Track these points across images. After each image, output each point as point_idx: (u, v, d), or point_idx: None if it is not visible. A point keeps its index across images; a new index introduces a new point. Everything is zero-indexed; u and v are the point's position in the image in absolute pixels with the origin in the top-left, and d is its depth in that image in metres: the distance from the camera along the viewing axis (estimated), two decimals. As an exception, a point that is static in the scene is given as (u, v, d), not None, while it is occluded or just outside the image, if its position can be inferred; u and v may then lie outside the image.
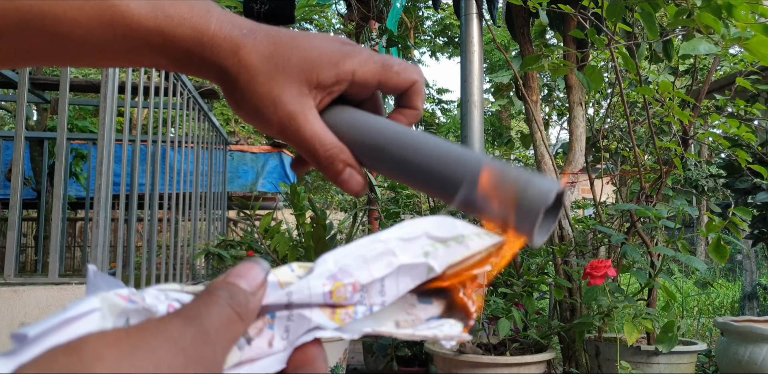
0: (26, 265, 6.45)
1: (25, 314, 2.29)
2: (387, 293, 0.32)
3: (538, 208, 0.34)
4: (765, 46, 1.90)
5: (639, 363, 2.31)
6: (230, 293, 0.26)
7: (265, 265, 0.29)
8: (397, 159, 0.40)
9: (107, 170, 2.41)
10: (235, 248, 4.20)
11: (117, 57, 0.40)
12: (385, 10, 4.77)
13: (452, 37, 14.02)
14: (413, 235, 0.33)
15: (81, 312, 0.24)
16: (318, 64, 0.39)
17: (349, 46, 0.41)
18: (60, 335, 0.23)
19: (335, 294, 0.30)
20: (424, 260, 0.32)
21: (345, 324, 0.30)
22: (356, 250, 0.31)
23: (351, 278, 0.30)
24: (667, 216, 2.36)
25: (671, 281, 2.57)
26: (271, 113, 0.39)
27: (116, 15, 0.37)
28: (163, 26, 0.38)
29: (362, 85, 0.41)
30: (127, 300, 0.26)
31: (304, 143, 0.40)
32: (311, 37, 0.41)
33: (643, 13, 2.26)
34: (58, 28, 0.37)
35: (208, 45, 0.39)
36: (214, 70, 0.40)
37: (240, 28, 0.39)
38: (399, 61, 0.42)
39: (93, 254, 2.37)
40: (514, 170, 0.36)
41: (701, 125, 2.99)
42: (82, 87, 4.49)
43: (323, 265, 0.30)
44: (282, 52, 0.39)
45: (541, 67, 2.46)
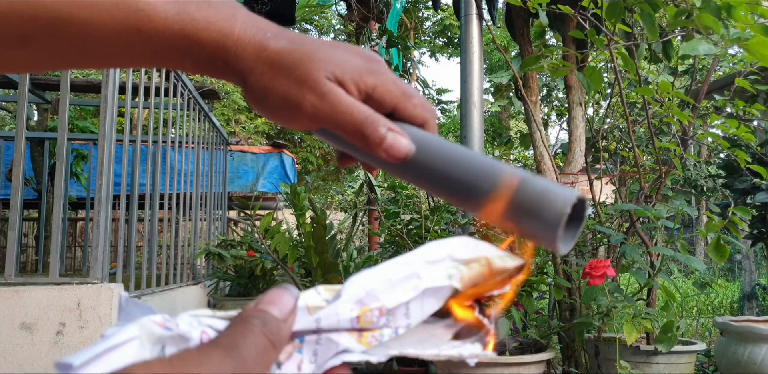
0: (27, 265, 6.45)
1: (25, 314, 2.30)
2: (412, 315, 0.32)
3: (559, 216, 0.34)
4: (764, 46, 1.90)
5: (638, 362, 2.32)
6: (263, 321, 0.27)
7: (295, 291, 0.30)
8: (426, 166, 0.40)
9: (108, 171, 2.41)
10: (236, 248, 4.21)
11: (142, 59, 0.41)
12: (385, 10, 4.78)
13: (452, 37, 14.02)
14: (437, 257, 0.33)
15: (121, 341, 0.25)
16: (343, 65, 0.39)
17: (376, 62, 0.41)
18: (103, 364, 0.24)
19: (362, 319, 0.30)
20: (448, 283, 0.33)
21: (371, 347, 0.31)
22: (383, 273, 0.32)
23: (378, 303, 0.31)
24: (666, 216, 2.36)
25: (670, 281, 2.57)
26: (301, 96, 0.39)
27: (143, 18, 0.38)
28: (189, 30, 0.38)
29: (379, 103, 0.41)
30: (163, 327, 0.27)
31: (342, 115, 0.39)
32: (338, 47, 0.41)
33: (642, 13, 2.26)
34: (87, 32, 0.38)
35: (232, 49, 0.39)
36: (238, 72, 0.40)
37: (264, 32, 0.40)
38: (419, 95, 0.42)
39: (94, 254, 2.38)
40: (536, 180, 0.37)
41: (700, 126, 3.00)
42: (82, 87, 4.49)
43: (350, 289, 0.31)
44: (306, 50, 0.39)
45: (541, 68, 2.47)
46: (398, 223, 3.65)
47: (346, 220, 5.06)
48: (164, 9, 0.38)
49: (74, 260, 7.11)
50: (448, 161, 0.39)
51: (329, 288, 0.32)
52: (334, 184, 14.37)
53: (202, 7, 0.39)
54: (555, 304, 2.80)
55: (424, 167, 0.40)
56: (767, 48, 1.91)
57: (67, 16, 0.37)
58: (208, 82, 8.75)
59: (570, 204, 0.35)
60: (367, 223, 5.00)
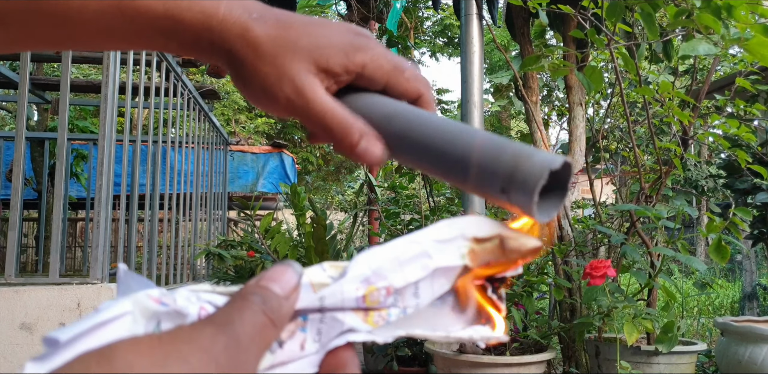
0: (27, 265, 6.45)
1: (25, 314, 2.30)
2: (421, 295, 0.31)
3: (536, 180, 0.32)
4: (764, 46, 1.90)
5: (639, 363, 2.32)
6: (263, 298, 0.26)
7: (298, 268, 0.28)
8: (408, 138, 0.38)
9: (108, 171, 2.41)
10: (236, 249, 4.21)
11: (125, 40, 0.40)
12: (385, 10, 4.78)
13: (452, 37, 14.02)
14: (449, 236, 0.32)
15: (113, 316, 0.24)
16: (327, 51, 0.38)
17: (364, 38, 0.40)
18: (92, 339, 0.23)
19: (368, 298, 0.29)
20: (461, 262, 0.32)
21: (378, 327, 0.30)
22: (391, 252, 0.30)
23: (385, 282, 0.30)
24: (666, 216, 2.36)
25: (671, 281, 2.57)
26: (278, 89, 0.38)
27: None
28: (172, 10, 0.38)
29: (369, 81, 0.40)
30: (159, 302, 0.26)
31: (315, 115, 0.38)
32: (324, 25, 0.40)
33: (642, 13, 2.26)
34: (67, 12, 0.37)
35: (217, 29, 0.38)
36: (223, 53, 0.39)
37: (250, 12, 0.39)
38: (413, 69, 0.41)
39: (94, 254, 2.38)
40: (514, 144, 0.35)
41: (701, 126, 3.00)
42: (82, 87, 4.49)
43: (356, 267, 0.30)
44: (292, 35, 0.39)
45: (541, 68, 2.46)
46: (398, 223, 3.65)
47: (346, 220, 5.05)
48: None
49: (74, 260, 7.11)
50: (429, 131, 0.37)
51: (335, 264, 0.31)
52: (334, 184, 14.38)
53: None
54: (555, 304, 2.80)
55: (407, 139, 0.38)
56: (767, 48, 1.91)
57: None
58: (208, 82, 8.75)
59: (548, 168, 0.32)
60: (367, 223, 4.99)
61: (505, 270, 0.33)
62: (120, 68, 2.75)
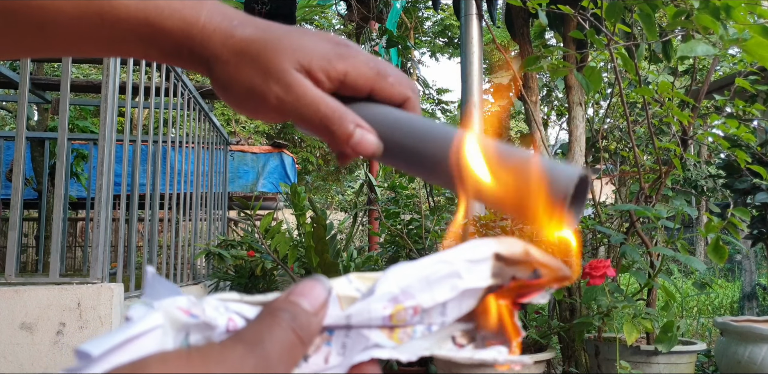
0: (27, 265, 6.45)
1: (25, 314, 2.30)
2: (448, 314, 0.31)
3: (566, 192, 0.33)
4: (763, 47, 1.90)
5: (638, 362, 2.32)
6: (293, 315, 0.26)
7: (327, 283, 0.28)
8: (405, 147, 0.38)
9: (108, 170, 2.41)
10: (236, 248, 4.21)
11: (106, 47, 0.39)
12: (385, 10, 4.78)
13: (452, 37, 14.02)
14: (481, 256, 0.31)
15: (144, 330, 0.24)
16: (310, 53, 0.38)
17: (344, 47, 0.39)
18: (123, 353, 0.23)
19: (395, 317, 0.29)
20: (488, 282, 0.31)
21: (403, 343, 0.29)
22: (421, 270, 0.30)
23: (413, 301, 0.29)
24: (666, 216, 2.36)
25: (670, 281, 2.57)
26: (266, 88, 0.37)
27: (105, 5, 0.36)
28: (153, 17, 0.37)
29: (353, 89, 0.39)
30: (188, 314, 0.26)
31: (306, 110, 0.37)
32: (306, 33, 0.39)
33: (641, 13, 2.26)
34: (44, 18, 0.36)
35: (197, 37, 0.38)
36: (204, 60, 0.39)
37: (231, 20, 0.38)
38: (396, 71, 0.40)
39: (94, 254, 2.38)
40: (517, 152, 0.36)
41: (700, 126, 3.00)
42: (82, 87, 4.50)
43: (385, 285, 0.29)
44: (273, 37, 0.38)
45: (540, 68, 2.47)
46: (398, 223, 3.65)
47: (346, 220, 5.06)
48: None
49: (74, 260, 7.11)
50: (419, 139, 0.37)
51: (361, 275, 0.30)
52: (334, 184, 14.37)
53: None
54: (555, 304, 2.80)
55: (396, 149, 0.38)
56: (766, 49, 1.91)
57: (22, 1, 0.36)
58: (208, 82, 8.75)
59: (573, 184, 0.34)
60: (367, 223, 5.00)
61: (531, 294, 0.33)
62: (120, 68, 2.75)
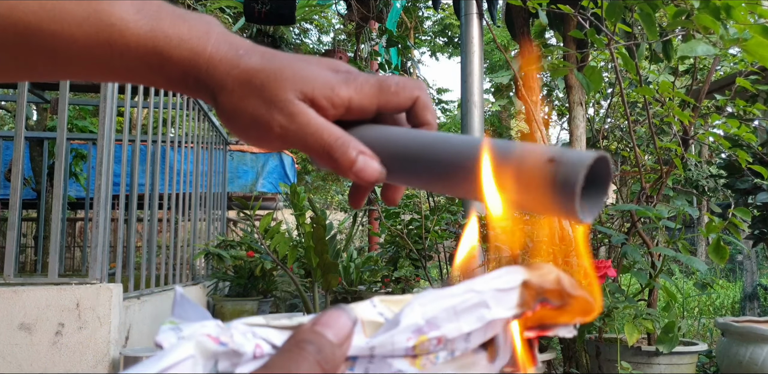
0: (26, 265, 6.44)
1: (24, 314, 2.29)
2: (472, 341, 0.31)
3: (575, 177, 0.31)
4: (763, 47, 1.89)
5: (639, 363, 2.31)
6: (318, 347, 0.27)
7: (353, 313, 0.29)
8: (415, 162, 0.38)
9: (107, 170, 2.41)
10: (235, 249, 4.20)
11: (114, 74, 0.40)
12: (384, 10, 4.77)
13: (452, 37, 14.02)
14: (510, 285, 0.31)
15: (177, 360, 0.25)
16: (311, 81, 0.39)
17: (344, 73, 0.40)
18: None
19: (418, 348, 0.29)
20: (516, 311, 0.31)
21: (425, 369, 0.29)
22: (448, 299, 0.30)
23: (437, 332, 0.29)
24: (667, 217, 2.35)
25: (672, 281, 2.57)
26: (269, 117, 0.38)
27: (115, 34, 0.37)
28: (161, 47, 0.38)
29: (360, 112, 0.40)
30: (218, 342, 0.27)
31: (310, 138, 0.38)
32: (308, 61, 0.40)
33: (642, 13, 2.25)
34: (56, 45, 0.37)
35: (204, 67, 0.39)
36: (209, 90, 0.40)
37: (236, 49, 0.39)
38: (397, 80, 0.41)
39: (93, 254, 2.37)
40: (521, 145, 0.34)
41: (701, 125, 2.99)
42: (82, 87, 4.48)
43: (410, 316, 0.29)
44: (276, 66, 0.39)
45: (541, 68, 2.46)
46: (398, 223, 3.65)
47: (346, 220, 5.05)
48: (137, 25, 0.38)
49: (73, 260, 7.11)
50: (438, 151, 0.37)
51: (385, 299, 0.30)
52: (334, 184, 14.38)
53: (176, 23, 0.39)
54: (555, 304, 2.79)
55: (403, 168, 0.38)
56: (766, 49, 1.90)
57: (36, 29, 0.36)
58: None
59: (584, 168, 0.31)
60: (367, 223, 4.99)
61: (556, 327, 0.32)
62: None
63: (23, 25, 0.36)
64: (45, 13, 0.36)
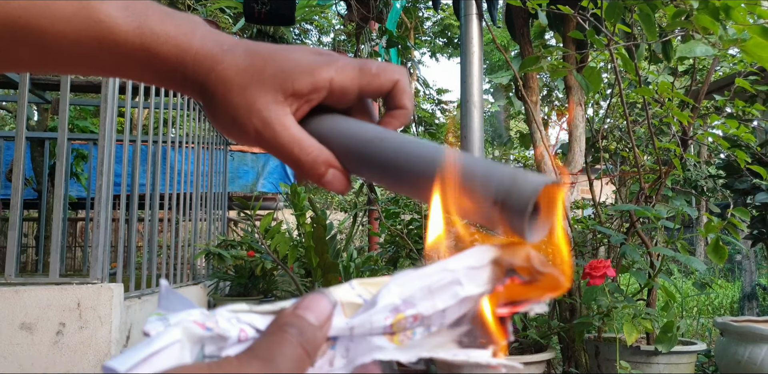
0: (27, 265, 6.44)
1: (25, 314, 2.29)
2: (448, 316, 0.32)
3: (527, 201, 0.33)
4: (762, 48, 1.90)
5: (638, 363, 2.32)
6: (300, 330, 0.28)
7: (332, 297, 0.30)
8: (379, 162, 0.39)
9: (108, 171, 2.41)
10: (236, 248, 4.21)
11: (103, 69, 0.41)
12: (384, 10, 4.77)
13: (452, 37, 14.02)
14: (481, 263, 0.32)
15: (165, 345, 0.26)
16: (292, 74, 0.39)
17: (326, 55, 0.41)
18: (147, 367, 0.25)
19: (396, 326, 0.30)
20: (488, 287, 0.32)
21: (403, 345, 0.31)
22: (423, 279, 0.31)
23: (413, 310, 0.31)
24: (666, 217, 2.36)
25: (671, 281, 2.57)
26: (247, 121, 0.39)
27: (104, 30, 0.38)
28: (149, 44, 0.39)
29: (342, 93, 0.41)
30: (203, 327, 0.28)
31: (282, 148, 0.40)
32: (289, 50, 0.41)
33: (641, 14, 2.26)
34: (45, 40, 0.38)
35: (190, 63, 0.40)
36: (195, 86, 0.41)
37: (221, 45, 0.40)
38: (378, 63, 0.42)
39: (94, 254, 2.38)
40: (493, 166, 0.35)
41: (700, 126, 3.00)
42: (82, 87, 4.49)
43: (387, 296, 0.30)
44: (258, 64, 0.40)
45: (541, 68, 2.47)
46: (398, 223, 3.65)
47: (346, 220, 5.05)
48: (125, 22, 0.38)
49: (74, 260, 7.11)
50: (402, 154, 0.38)
51: (363, 281, 0.32)
52: (334, 184, 14.33)
53: (163, 20, 0.39)
54: (555, 304, 2.80)
55: (379, 162, 0.39)
56: (765, 50, 1.90)
57: (25, 24, 0.37)
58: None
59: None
60: (367, 223, 4.99)
61: (528, 302, 0.33)
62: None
63: (12, 19, 0.37)
64: (35, 8, 0.37)
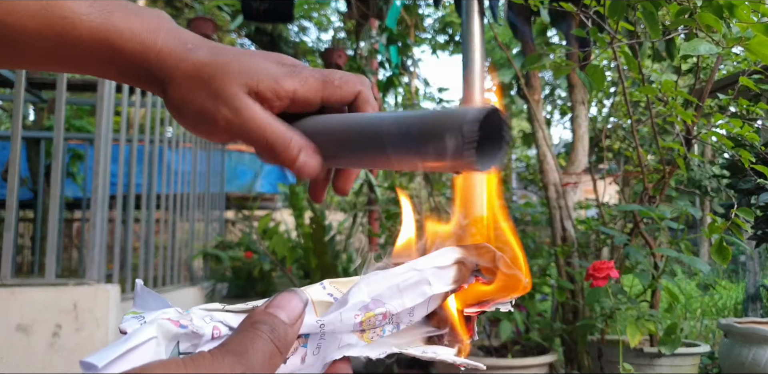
0: (23, 266, 6.42)
1: (21, 315, 2.28)
2: (416, 314, 0.33)
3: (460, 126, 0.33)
4: (766, 46, 1.87)
5: (642, 365, 2.30)
6: (272, 327, 0.29)
7: (304, 296, 0.31)
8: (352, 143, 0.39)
9: (104, 171, 2.39)
10: (233, 250, 4.19)
11: (67, 64, 0.41)
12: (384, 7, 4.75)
13: (453, 35, 14.02)
14: (448, 263, 0.33)
15: (141, 341, 0.27)
16: (257, 74, 0.40)
17: (289, 66, 0.41)
18: (124, 363, 0.27)
19: (365, 324, 0.31)
20: (453, 287, 0.33)
21: (373, 342, 0.32)
22: (391, 279, 0.32)
23: (383, 308, 0.32)
24: (670, 217, 2.34)
25: (674, 282, 2.55)
26: (215, 110, 0.39)
27: (67, 26, 0.38)
28: (113, 40, 0.39)
29: (305, 103, 0.41)
30: (178, 324, 0.29)
31: (254, 134, 0.39)
32: (253, 55, 0.41)
33: (644, 11, 2.23)
34: (8, 36, 0.38)
35: (154, 60, 0.40)
36: (159, 82, 0.41)
37: (185, 43, 0.41)
38: (341, 74, 0.42)
39: (90, 255, 2.36)
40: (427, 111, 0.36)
41: (704, 125, 2.97)
42: (79, 86, 4.46)
43: (357, 295, 0.31)
44: (223, 60, 0.40)
45: (543, 67, 2.44)
46: (398, 223, 3.63)
47: (345, 221, 5.03)
48: (89, 18, 0.38)
49: (70, 261, 7.09)
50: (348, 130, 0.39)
51: (334, 281, 0.33)
52: (334, 183, 14.37)
53: (128, 17, 0.40)
54: (558, 306, 2.78)
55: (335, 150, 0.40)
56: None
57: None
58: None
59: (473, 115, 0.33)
60: (366, 224, 4.97)
61: (492, 302, 0.34)
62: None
63: None
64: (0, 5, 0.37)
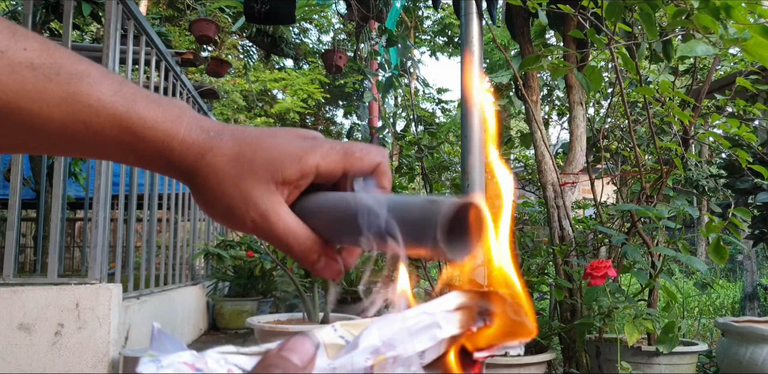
0: (25, 265, 6.43)
1: (24, 314, 2.29)
2: (426, 357, 0.33)
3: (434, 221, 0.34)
4: (762, 47, 1.89)
5: (639, 363, 2.31)
6: (284, 370, 0.29)
7: (316, 338, 0.32)
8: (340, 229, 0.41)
9: (106, 170, 2.41)
10: (235, 249, 4.20)
11: (87, 150, 0.42)
12: (384, 9, 4.76)
13: (452, 36, 14.02)
14: (456, 306, 0.34)
15: None
16: (281, 163, 0.41)
17: (311, 140, 0.43)
18: None
19: (376, 367, 0.32)
20: (459, 331, 0.34)
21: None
22: (402, 322, 0.33)
23: (393, 352, 0.32)
24: (667, 217, 2.35)
25: (672, 281, 2.56)
26: (244, 212, 0.41)
27: (91, 114, 0.39)
28: (136, 127, 0.40)
29: (328, 176, 0.43)
30: (194, 368, 0.29)
31: (278, 240, 0.42)
32: (275, 136, 0.43)
33: (642, 13, 2.25)
34: (33, 123, 0.39)
35: (177, 149, 0.41)
36: (181, 172, 0.42)
37: (207, 132, 0.41)
38: (361, 146, 0.44)
39: (92, 254, 2.37)
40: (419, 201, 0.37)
41: (702, 125, 2.99)
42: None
43: (368, 339, 0.32)
44: (247, 153, 0.41)
45: (541, 68, 2.46)
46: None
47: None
48: (113, 106, 0.39)
49: (73, 260, 7.10)
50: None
51: (346, 324, 0.33)
52: (334, 184, 14.35)
53: (150, 106, 0.40)
54: (556, 305, 2.79)
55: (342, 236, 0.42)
56: (765, 49, 1.89)
57: (15, 107, 0.38)
58: (207, 81, 8.74)
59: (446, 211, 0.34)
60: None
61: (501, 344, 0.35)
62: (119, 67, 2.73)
63: (3, 103, 0.37)
64: (25, 93, 0.38)
